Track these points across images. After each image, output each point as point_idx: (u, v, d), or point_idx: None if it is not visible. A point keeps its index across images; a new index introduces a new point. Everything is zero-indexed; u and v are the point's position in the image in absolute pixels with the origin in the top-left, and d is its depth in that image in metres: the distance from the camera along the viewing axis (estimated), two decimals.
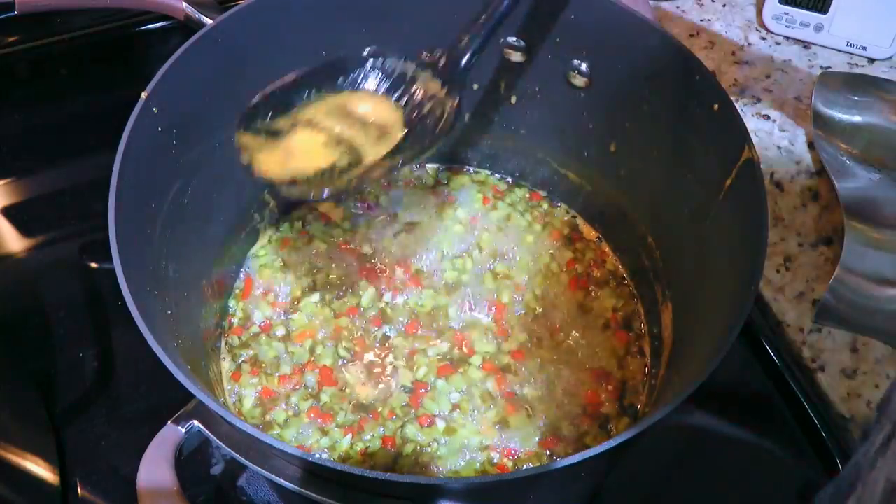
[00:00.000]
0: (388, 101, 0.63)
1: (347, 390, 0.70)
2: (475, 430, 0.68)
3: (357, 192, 0.82)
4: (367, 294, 0.75)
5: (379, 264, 0.77)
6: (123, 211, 0.55)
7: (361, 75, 0.63)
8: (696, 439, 0.73)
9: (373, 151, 0.60)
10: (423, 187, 0.84)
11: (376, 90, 0.63)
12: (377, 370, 0.71)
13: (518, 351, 0.73)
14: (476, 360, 0.72)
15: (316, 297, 0.75)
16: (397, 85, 0.63)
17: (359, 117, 0.62)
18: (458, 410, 0.69)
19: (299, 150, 0.60)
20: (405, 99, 0.62)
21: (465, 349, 0.73)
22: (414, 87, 0.62)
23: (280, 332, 0.74)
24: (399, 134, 0.61)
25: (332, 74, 0.62)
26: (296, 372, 0.71)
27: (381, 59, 0.62)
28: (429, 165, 0.86)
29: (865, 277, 0.74)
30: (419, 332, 0.73)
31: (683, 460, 0.72)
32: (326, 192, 0.59)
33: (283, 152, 0.60)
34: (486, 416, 0.69)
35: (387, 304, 0.75)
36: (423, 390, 0.70)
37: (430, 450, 0.67)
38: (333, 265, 0.77)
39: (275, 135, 0.60)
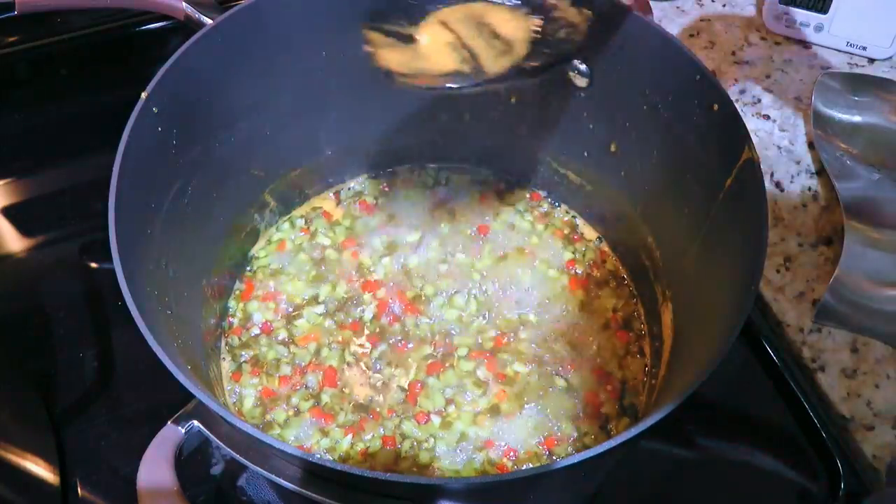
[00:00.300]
0: (521, 18, 0.64)
1: (347, 390, 0.71)
2: (470, 421, 0.68)
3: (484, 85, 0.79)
4: (370, 309, 0.75)
5: (377, 280, 0.77)
6: (123, 211, 0.55)
7: None
8: (696, 439, 0.72)
9: (493, 65, 0.62)
10: (423, 187, 0.84)
11: (511, 3, 0.64)
12: (374, 374, 0.72)
13: (501, 335, 0.73)
14: (462, 351, 0.72)
15: (320, 308, 0.75)
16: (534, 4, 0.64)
17: (489, 29, 0.63)
18: (452, 405, 0.70)
19: (427, 49, 0.62)
20: (538, 16, 0.64)
21: (447, 344, 0.73)
22: (548, 6, 0.64)
23: (282, 335, 0.74)
24: (522, 52, 0.62)
25: None
26: (297, 372, 0.71)
27: None
28: (429, 165, 0.86)
29: (865, 277, 0.74)
30: (410, 346, 0.74)
31: (683, 460, 0.72)
32: (448, 85, 0.62)
33: (409, 54, 0.62)
34: (480, 403, 0.69)
35: (384, 324, 0.75)
36: (418, 387, 0.70)
37: (427, 445, 0.67)
38: (336, 277, 0.77)
39: (403, 39, 0.62)
